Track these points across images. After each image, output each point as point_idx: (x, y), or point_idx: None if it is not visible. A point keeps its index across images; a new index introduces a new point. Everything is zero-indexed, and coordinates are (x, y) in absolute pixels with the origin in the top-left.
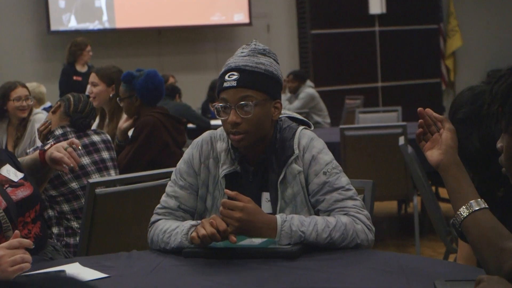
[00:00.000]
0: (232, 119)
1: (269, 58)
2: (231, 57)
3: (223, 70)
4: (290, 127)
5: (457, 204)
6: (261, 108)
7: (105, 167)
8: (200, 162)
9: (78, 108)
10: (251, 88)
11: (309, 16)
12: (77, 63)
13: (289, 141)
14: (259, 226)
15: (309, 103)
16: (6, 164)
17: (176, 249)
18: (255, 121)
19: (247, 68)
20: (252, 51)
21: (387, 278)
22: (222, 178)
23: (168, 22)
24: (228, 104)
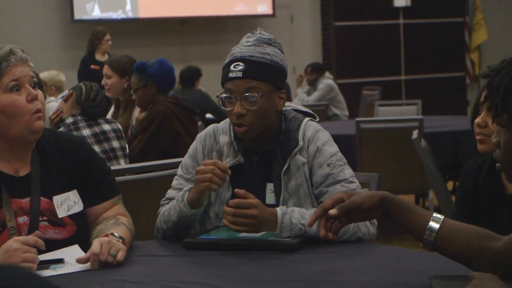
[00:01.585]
0: (238, 110)
1: (274, 48)
2: (236, 46)
3: (228, 60)
4: (295, 118)
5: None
6: (267, 99)
7: (115, 156)
8: (204, 155)
9: (89, 97)
10: (256, 79)
11: (333, 8)
12: (96, 52)
13: (294, 132)
14: (264, 220)
15: (328, 94)
16: (72, 191)
17: (178, 223)
18: (260, 113)
19: (253, 58)
20: (257, 41)
21: (384, 272)
22: None
23: (191, 12)
24: (233, 95)
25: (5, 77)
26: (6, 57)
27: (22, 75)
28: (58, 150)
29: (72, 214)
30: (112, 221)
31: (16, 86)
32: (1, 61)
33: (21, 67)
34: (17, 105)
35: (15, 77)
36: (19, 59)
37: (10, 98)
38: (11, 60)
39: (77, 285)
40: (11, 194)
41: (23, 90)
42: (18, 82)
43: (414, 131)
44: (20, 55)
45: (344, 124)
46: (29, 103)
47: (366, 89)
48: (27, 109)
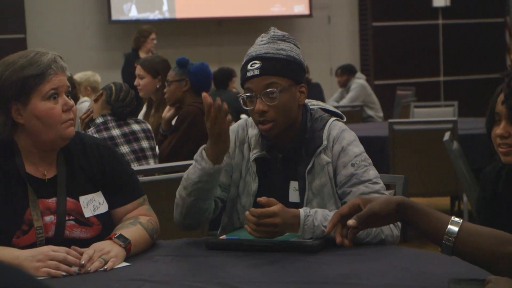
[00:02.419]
0: (259, 107)
1: (289, 43)
2: (251, 47)
3: (245, 60)
4: (321, 117)
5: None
6: (287, 93)
7: (144, 156)
8: (235, 146)
9: (119, 97)
10: (274, 74)
11: (371, 8)
12: (140, 50)
13: (319, 131)
14: (286, 224)
15: (361, 93)
16: (97, 192)
17: (198, 182)
18: (282, 108)
19: (268, 55)
20: (271, 38)
21: (403, 276)
22: (253, 161)
23: (228, 12)
24: (253, 93)
25: (46, 85)
26: (49, 66)
27: (60, 84)
28: (83, 152)
29: (98, 214)
30: (129, 221)
31: (54, 95)
32: (45, 69)
33: (61, 76)
34: (53, 113)
35: (54, 86)
36: (59, 68)
37: (47, 106)
38: (53, 69)
39: (98, 283)
40: (38, 195)
41: (59, 99)
42: (57, 91)
43: (446, 133)
44: (60, 64)
45: (378, 126)
46: (64, 113)
47: (400, 89)
48: (61, 119)
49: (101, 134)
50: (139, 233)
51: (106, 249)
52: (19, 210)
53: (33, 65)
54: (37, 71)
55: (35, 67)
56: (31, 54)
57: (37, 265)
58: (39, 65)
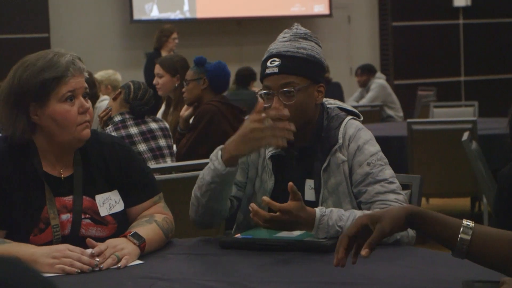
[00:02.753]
0: (275, 106)
1: (310, 42)
2: (273, 43)
3: (265, 57)
4: (338, 116)
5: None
6: (304, 93)
7: (161, 154)
8: None
9: (137, 95)
10: (292, 73)
11: (391, 8)
12: (162, 49)
13: (335, 130)
14: (300, 222)
15: (381, 93)
16: (113, 191)
17: (211, 183)
18: (298, 107)
19: (288, 53)
20: (293, 36)
21: (417, 276)
22: (269, 159)
23: (248, 12)
24: (270, 91)
25: (63, 87)
26: (67, 68)
27: (77, 86)
28: (99, 151)
29: (113, 213)
30: (145, 219)
31: (71, 97)
32: (63, 72)
33: (78, 78)
34: (68, 115)
35: (71, 88)
36: (77, 70)
37: (63, 108)
38: (71, 71)
39: (111, 280)
40: (55, 193)
41: (76, 101)
42: (73, 93)
43: (465, 133)
44: (78, 66)
45: (397, 126)
46: (80, 115)
47: (421, 89)
48: (77, 121)
49: (119, 132)
50: (154, 232)
51: (120, 246)
52: (36, 209)
53: (52, 67)
54: (55, 74)
55: (53, 69)
56: (49, 55)
57: (52, 262)
58: (58, 67)
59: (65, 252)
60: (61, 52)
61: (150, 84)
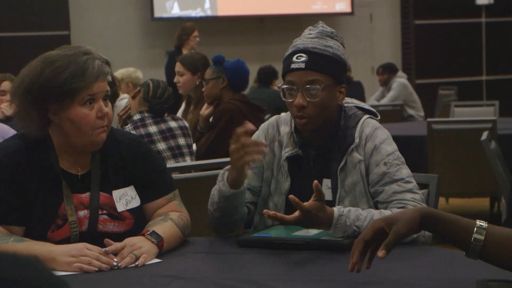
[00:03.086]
0: (299, 102)
1: (336, 41)
2: (298, 38)
3: (290, 51)
4: (355, 115)
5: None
6: (328, 92)
7: (180, 153)
8: (266, 145)
9: (156, 93)
10: (319, 71)
11: (413, 6)
12: (183, 47)
13: (352, 129)
14: (317, 221)
15: (402, 92)
16: (129, 186)
17: (221, 204)
18: (321, 105)
19: (316, 50)
20: (320, 33)
21: (432, 275)
22: (285, 160)
23: (270, 10)
24: (294, 86)
25: (85, 91)
26: (94, 74)
27: (99, 90)
28: (116, 148)
29: (130, 208)
30: (160, 217)
31: (90, 100)
32: (93, 80)
33: (101, 82)
34: (87, 119)
35: (92, 93)
36: (102, 74)
37: (82, 112)
38: (96, 77)
39: (129, 279)
40: (72, 190)
41: (95, 105)
42: (93, 97)
43: (484, 133)
44: (104, 71)
45: (417, 125)
46: (98, 119)
47: (442, 88)
48: (94, 125)
49: (138, 131)
50: (171, 230)
51: (138, 244)
52: (53, 205)
53: (82, 75)
54: (83, 82)
55: (83, 77)
56: (80, 59)
57: (70, 260)
58: (87, 74)
59: (84, 251)
60: (92, 53)
61: (171, 83)
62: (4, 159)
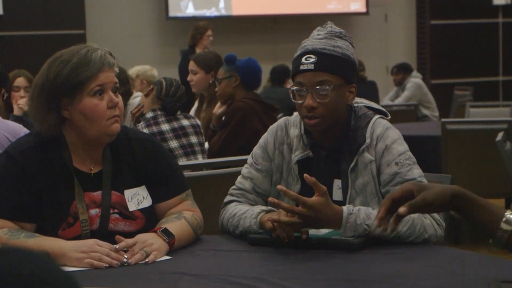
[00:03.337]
0: (309, 103)
1: (345, 41)
2: (307, 39)
3: (299, 52)
4: (365, 115)
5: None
6: (338, 92)
7: (192, 151)
8: (275, 148)
9: (169, 92)
10: (328, 71)
11: (429, 6)
12: (197, 47)
13: (362, 129)
14: (326, 219)
15: (417, 92)
16: (140, 186)
17: (244, 233)
18: (331, 106)
19: (325, 51)
20: (329, 34)
21: (443, 275)
22: (295, 164)
23: (284, 10)
24: (304, 87)
25: (92, 82)
26: (101, 64)
27: (107, 81)
28: (128, 147)
29: (142, 208)
30: (174, 215)
31: (100, 91)
32: (96, 69)
33: (108, 72)
34: (97, 110)
35: (100, 83)
36: (107, 64)
37: (92, 103)
38: (100, 66)
39: (138, 275)
40: (84, 188)
41: (105, 95)
42: (102, 88)
43: (500, 133)
44: (108, 61)
45: (431, 125)
46: (109, 109)
47: (458, 89)
48: (106, 115)
49: (151, 129)
50: (183, 228)
51: (149, 241)
52: (65, 203)
53: (86, 65)
54: (89, 72)
55: (88, 66)
56: (82, 51)
57: (80, 256)
58: (92, 64)
59: (94, 247)
60: (94, 47)
61: (184, 81)
62: (17, 157)
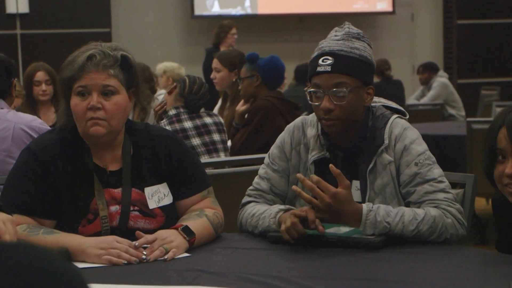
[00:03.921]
0: (325, 105)
1: (363, 42)
2: (324, 40)
3: (316, 54)
4: (383, 115)
5: None
6: (355, 94)
7: (215, 149)
8: (292, 147)
9: (192, 90)
10: (345, 73)
11: (456, 5)
12: (221, 45)
13: (380, 130)
14: (345, 214)
15: (443, 91)
16: (162, 183)
17: (263, 233)
18: (348, 108)
19: (342, 52)
20: (346, 35)
21: (464, 275)
22: (311, 164)
23: (310, 9)
24: (320, 89)
25: (77, 82)
26: (83, 66)
27: (91, 82)
28: (149, 144)
29: (162, 205)
30: (195, 213)
31: (83, 92)
32: (78, 69)
33: (94, 74)
34: (76, 110)
35: (83, 84)
36: (93, 66)
37: (74, 102)
38: (85, 69)
39: (156, 272)
40: (104, 185)
41: (88, 97)
42: (85, 89)
43: None
44: (96, 62)
45: (457, 125)
46: (88, 110)
47: (485, 88)
48: (84, 115)
49: (173, 126)
50: (204, 226)
51: (169, 238)
52: (85, 200)
53: (71, 64)
54: (70, 72)
55: (71, 66)
56: (78, 51)
57: (99, 253)
58: (74, 65)
59: (113, 243)
60: (90, 47)
61: (208, 80)
62: (39, 153)
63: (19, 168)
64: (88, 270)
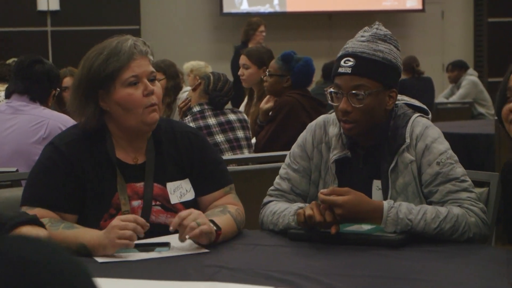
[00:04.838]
0: (343, 107)
1: (389, 44)
2: (350, 40)
3: (340, 54)
4: (404, 114)
5: None
6: (374, 98)
7: (238, 145)
8: (313, 146)
9: (217, 86)
10: (365, 76)
11: (487, 3)
12: (250, 42)
13: (402, 129)
14: (363, 215)
15: (472, 90)
16: (184, 179)
17: (284, 231)
18: (366, 111)
19: (364, 55)
20: (372, 36)
21: (486, 275)
22: (333, 163)
23: (339, 6)
24: (340, 90)
25: (126, 72)
26: (130, 54)
27: (141, 70)
28: (173, 140)
29: (184, 201)
30: (219, 209)
31: (135, 82)
32: (126, 58)
33: (141, 60)
34: (132, 99)
35: (134, 73)
36: (140, 52)
37: (126, 92)
38: (133, 55)
39: (175, 267)
40: (127, 179)
41: (140, 84)
42: (137, 78)
43: None
44: (140, 49)
45: (486, 123)
46: (145, 97)
47: None
48: (142, 103)
49: (198, 123)
50: (229, 223)
51: (202, 218)
52: (107, 194)
53: (116, 55)
54: (119, 62)
55: (117, 57)
56: (113, 43)
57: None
58: (121, 55)
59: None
60: (125, 37)
61: (236, 77)
62: (62, 148)
63: (42, 163)
64: (107, 265)
